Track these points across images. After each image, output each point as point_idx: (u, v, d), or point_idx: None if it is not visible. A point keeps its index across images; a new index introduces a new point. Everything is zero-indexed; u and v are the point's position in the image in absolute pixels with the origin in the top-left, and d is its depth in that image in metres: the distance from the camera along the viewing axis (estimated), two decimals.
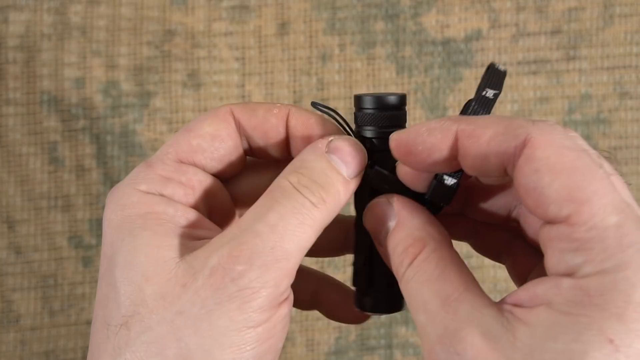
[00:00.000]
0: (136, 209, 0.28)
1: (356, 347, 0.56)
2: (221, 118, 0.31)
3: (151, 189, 0.29)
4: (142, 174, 0.30)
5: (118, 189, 0.30)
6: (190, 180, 0.30)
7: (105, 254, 0.28)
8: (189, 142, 0.30)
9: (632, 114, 0.56)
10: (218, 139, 0.30)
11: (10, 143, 0.56)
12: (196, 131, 0.30)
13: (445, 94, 0.56)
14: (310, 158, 0.29)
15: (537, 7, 0.56)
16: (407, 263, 0.27)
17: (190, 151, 0.30)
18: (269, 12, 0.56)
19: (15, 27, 0.56)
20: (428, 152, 0.27)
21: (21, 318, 0.56)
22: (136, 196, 0.29)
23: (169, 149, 0.30)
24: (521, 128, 0.25)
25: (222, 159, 0.31)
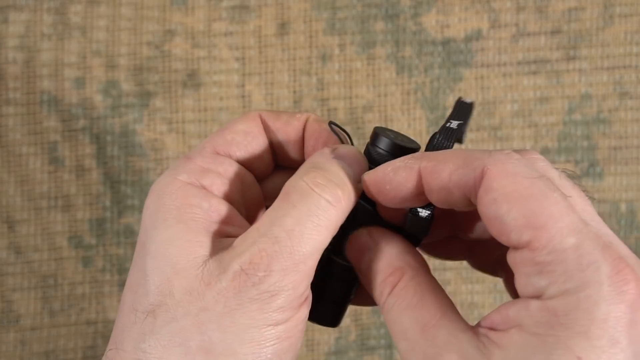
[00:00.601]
0: (173, 198, 0.30)
1: (356, 347, 0.56)
2: (251, 118, 0.33)
3: (191, 178, 0.30)
4: (182, 165, 0.31)
5: (160, 179, 0.31)
6: (227, 171, 0.32)
7: (140, 239, 0.30)
8: (224, 137, 0.32)
9: (632, 114, 0.56)
10: (250, 135, 0.33)
11: (10, 143, 0.56)
12: (230, 129, 0.33)
13: (445, 94, 0.56)
14: (322, 161, 0.30)
15: (537, 7, 0.56)
16: (387, 292, 0.28)
17: (226, 144, 0.32)
18: (269, 12, 0.56)
19: (15, 27, 0.56)
20: (395, 190, 0.29)
21: (21, 318, 0.56)
22: (175, 185, 0.30)
23: (206, 144, 0.32)
24: (477, 160, 0.26)
25: (254, 153, 0.33)
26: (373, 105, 0.56)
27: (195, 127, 0.56)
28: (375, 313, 0.56)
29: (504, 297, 0.54)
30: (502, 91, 0.56)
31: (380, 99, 0.56)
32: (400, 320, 0.27)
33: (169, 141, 0.56)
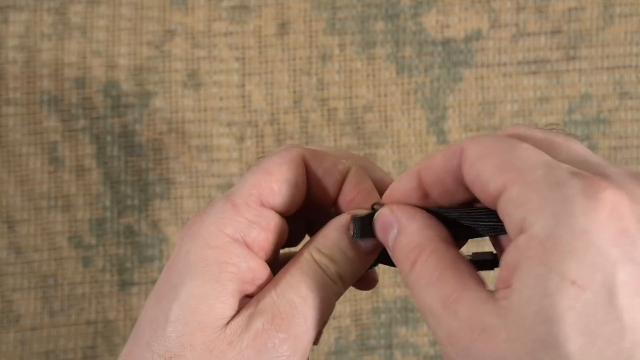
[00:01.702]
0: (217, 254, 0.30)
1: (356, 347, 0.56)
2: (297, 164, 0.32)
3: (237, 233, 0.31)
4: (229, 215, 0.31)
5: (202, 225, 0.31)
6: (269, 225, 0.32)
7: (169, 280, 0.31)
8: (271, 186, 0.32)
9: (632, 114, 0.56)
10: (295, 186, 0.32)
11: (10, 143, 0.56)
12: (276, 175, 0.32)
13: (445, 94, 0.56)
14: (334, 236, 0.32)
15: (537, 7, 0.56)
16: (408, 269, 0.29)
17: (272, 195, 0.32)
18: (269, 12, 0.56)
19: (15, 27, 0.56)
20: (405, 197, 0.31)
21: (21, 318, 0.56)
22: (222, 240, 0.31)
23: (252, 190, 0.32)
24: (457, 144, 0.28)
25: (293, 203, 0.33)
26: (373, 105, 0.56)
27: (195, 127, 0.56)
28: (375, 313, 0.56)
29: None
30: (502, 91, 0.56)
31: (380, 99, 0.56)
32: (424, 297, 0.28)
33: (169, 141, 0.56)
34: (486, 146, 0.27)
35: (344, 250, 0.32)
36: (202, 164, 0.56)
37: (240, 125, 0.56)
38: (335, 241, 0.32)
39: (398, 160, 0.56)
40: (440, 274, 0.27)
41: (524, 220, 0.25)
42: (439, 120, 0.56)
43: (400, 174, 0.56)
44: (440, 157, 0.29)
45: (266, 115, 0.56)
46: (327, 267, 0.31)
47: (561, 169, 0.25)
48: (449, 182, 0.29)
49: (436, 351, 0.56)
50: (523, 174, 0.25)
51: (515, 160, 0.26)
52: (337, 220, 0.33)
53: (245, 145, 0.56)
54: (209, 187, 0.56)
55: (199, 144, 0.56)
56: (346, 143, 0.56)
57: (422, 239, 0.29)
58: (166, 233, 0.56)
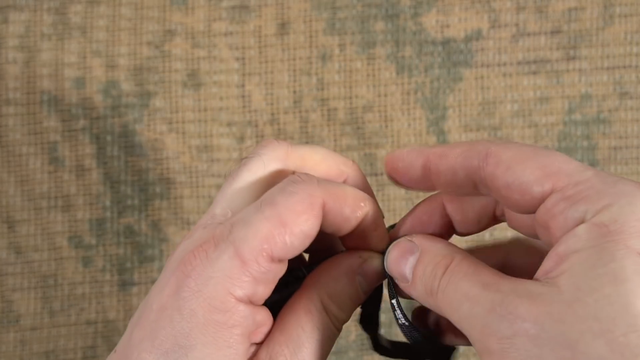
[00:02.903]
0: (226, 318, 0.29)
1: (356, 347, 0.56)
2: (316, 215, 0.30)
3: (244, 295, 0.29)
4: (237, 274, 0.29)
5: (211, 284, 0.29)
6: (275, 278, 0.30)
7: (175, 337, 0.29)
8: (284, 240, 0.29)
9: (632, 114, 0.56)
10: (309, 238, 0.30)
11: (10, 143, 0.56)
12: (291, 227, 0.29)
13: (445, 94, 0.56)
14: (344, 281, 0.32)
15: (537, 7, 0.56)
16: (441, 273, 0.29)
17: (284, 251, 0.30)
18: (269, 12, 0.56)
19: (15, 27, 0.56)
20: (405, 168, 0.31)
21: (21, 318, 0.56)
22: (230, 303, 0.29)
23: (264, 245, 0.29)
24: (482, 145, 0.29)
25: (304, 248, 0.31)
26: (373, 105, 0.56)
27: (195, 127, 0.56)
28: None
29: None
30: (502, 91, 0.56)
31: (380, 99, 0.56)
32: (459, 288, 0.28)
33: (169, 141, 0.56)
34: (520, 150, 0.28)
35: (353, 299, 0.32)
36: (202, 164, 0.56)
37: (240, 125, 0.56)
38: (346, 289, 0.32)
39: None
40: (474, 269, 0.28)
41: (583, 213, 0.26)
42: (439, 120, 0.56)
43: None
44: (459, 151, 0.29)
45: (266, 115, 0.56)
46: (335, 318, 0.31)
47: (605, 173, 0.27)
48: (461, 176, 0.29)
49: None
50: (573, 175, 0.27)
51: (559, 163, 0.27)
52: (347, 264, 0.32)
53: (245, 145, 0.56)
54: (209, 187, 0.56)
55: (199, 144, 0.56)
56: (346, 143, 0.56)
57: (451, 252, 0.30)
58: (166, 233, 0.56)
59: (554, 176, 0.27)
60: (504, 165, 0.28)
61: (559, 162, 0.27)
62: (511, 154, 0.28)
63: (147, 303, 0.30)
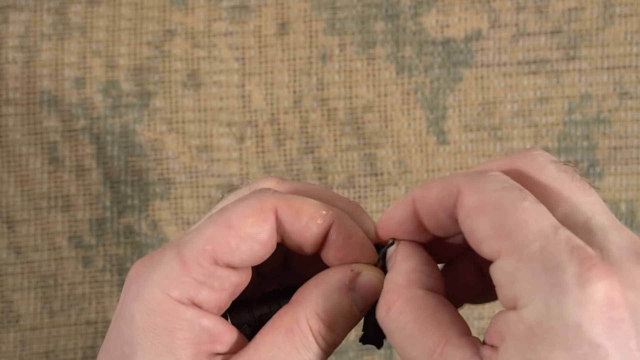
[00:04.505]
0: (164, 320, 0.28)
1: (356, 347, 0.56)
2: (264, 218, 0.29)
3: (182, 296, 0.28)
4: (176, 275, 0.28)
5: (146, 285, 0.28)
6: (222, 285, 0.29)
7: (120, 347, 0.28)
8: (229, 242, 0.28)
9: (632, 114, 0.56)
10: (258, 242, 0.29)
11: (10, 143, 0.56)
12: (237, 229, 0.28)
13: (445, 94, 0.56)
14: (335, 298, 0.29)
15: (537, 7, 0.56)
16: (384, 313, 0.27)
17: (228, 253, 0.28)
18: (269, 12, 0.56)
19: (15, 27, 0.56)
20: (398, 225, 0.29)
21: (21, 318, 0.56)
22: (167, 304, 0.28)
23: (206, 246, 0.28)
24: (454, 182, 0.27)
25: (258, 259, 0.29)
26: (373, 105, 0.56)
27: (195, 127, 0.56)
28: None
29: None
30: (502, 91, 0.56)
31: (380, 99, 0.56)
32: (404, 349, 0.26)
33: (169, 141, 0.56)
34: (484, 197, 0.26)
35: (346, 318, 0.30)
36: (202, 164, 0.56)
37: (240, 125, 0.56)
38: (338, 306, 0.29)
39: (398, 160, 0.56)
40: (420, 327, 0.26)
41: (515, 298, 0.24)
42: (439, 120, 0.56)
43: (400, 174, 0.56)
44: (435, 192, 0.27)
45: (266, 115, 0.56)
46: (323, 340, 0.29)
47: (559, 244, 0.24)
48: (443, 218, 0.28)
49: None
50: (518, 246, 0.24)
51: (513, 225, 0.24)
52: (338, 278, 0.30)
53: (245, 145, 0.56)
54: (209, 187, 0.56)
55: (199, 144, 0.56)
56: (346, 143, 0.56)
57: (404, 282, 0.28)
58: (166, 233, 0.56)
59: (503, 240, 0.24)
60: (465, 210, 0.26)
61: (517, 221, 0.25)
62: (474, 200, 0.26)
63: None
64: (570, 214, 0.26)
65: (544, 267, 0.23)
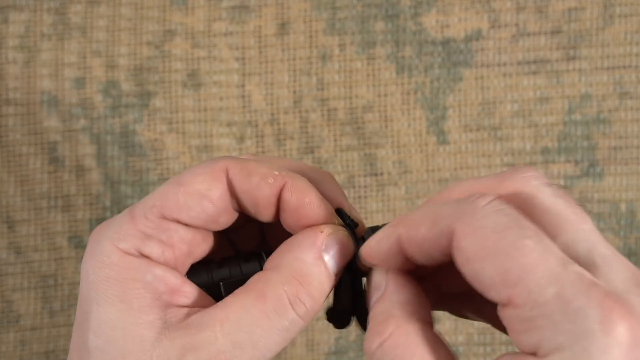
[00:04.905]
0: (114, 272, 0.28)
1: (356, 347, 0.56)
2: (214, 177, 0.29)
3: (130, 247, 0.28)
4: (125, 228, 0.29)
5: (99, 242, 0.29)
6: (170, 238, 0.29)
7: (81, 307, 0.29)
8: (177, 198, 0.29)
9: (632, 114, 0.56)
10: (207, 199, 0.29)
11: (10, 143, 0.56)
12: (186, 186, 0.29)
13: (445, 94, 0.56)
14: (309, 261, 0.29)
15: (537, 7, 0.56)
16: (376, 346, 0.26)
17: (176, 208, 0.29)
18: (269, 12, 0.56)
19: (15, 27, 0.56)
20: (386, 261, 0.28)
21: (21, 318, 0.56)
22: (115, 256, 0.28)
23: (156, 202, 0.29)
24: (445, 220, 0.25)
25: (209, 218, 0.30)
26: (373, 105, 0.56)
27: (195, 127, 0.56)
28: None
29: None
30: (502, 91, 0.56)
31: (380, 99, 0.56)
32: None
33: (169, 141, 0.56)
34: (483, 240, 0.24)
35: (323, 282, 0.29)
36: None
37: (240, 125, 0.56)
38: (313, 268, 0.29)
39: (398, 160, 0.56)
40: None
41: (537, 346, 0.23)
42: (439, 120, 0.56)
43: (400, 174, 0.56)
44: (424, 231, 0.26)
45: (266, 115, 0.56)
46: (302, 305, 0.28)
47: (573, 285, 0.23)
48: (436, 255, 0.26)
49: None
50: (531, 294, 0.23)
51: (520, 271, 0.23)
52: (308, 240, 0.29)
53: (245, 145, 0.56)
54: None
55: (199, 144, 0.56)
56: (346, 143, 0.56)
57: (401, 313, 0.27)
58: None
59: (513, 288, 0.23)
60: (463, 256, 0.25)
61: (523, 265, 0.23)
62: (472, 245, 0.24)
63: None
64: (571, 244, 0.25)
65: (565, 315, 0.23)
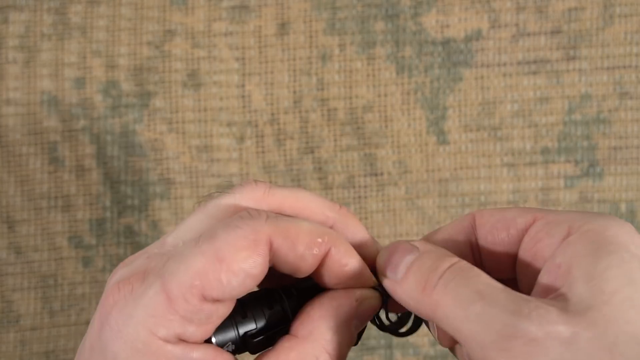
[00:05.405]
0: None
1: (356, 347, 0.56)
2: (259, 252, 0.26)
3: (170, 334, 0.26)
4: (161, 312, 0.26)
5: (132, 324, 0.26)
6: (210, 319, 0.27)
7: None
8: (219, 277, 0.26)
9: (632, 114, 0.56)
10: (253, 278, 0.27)
11: (10, 143, 0.56)
12: (229, 264, 0.26)
13: (445, 94, 0.56)
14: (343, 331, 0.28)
15: (537, 7, 0.56)
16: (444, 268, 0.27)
17: (219, 289, 0.26)
18: (269, 12, 0.56)
19: (15, 27, 0.55)
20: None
21: (21, 318, 0.56)
22: (154, 345, 0.26)
23: (194, 282, 0.26)
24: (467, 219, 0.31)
25: (247, 292, 0.28)
26: (373, 105, 0.56)
27: (195, 127, 0.56)
28: None
29: None
30: (502, 91, 0.56)
31: (380, 99, 0.56)
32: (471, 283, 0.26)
33: (169, 141, 0.56)
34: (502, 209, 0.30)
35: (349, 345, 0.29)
36: (202, 164, 0.56)
37: (240, 125, 0.56)
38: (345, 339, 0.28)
39: (398, 160, 0.56)
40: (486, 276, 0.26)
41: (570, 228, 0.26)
42: (439, 120, 0.56)
43: (400, 174, 0.56)
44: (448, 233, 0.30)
45: (266, 115, 0.56)
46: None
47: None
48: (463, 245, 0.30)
49: (436, 351, 0.56)
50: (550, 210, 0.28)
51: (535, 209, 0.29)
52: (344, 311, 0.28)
53: (245, 145, 0.56)
54: (209, 187, 0.56)
55: (199, 144, 0.56)
56: (346, 143, 0.56)
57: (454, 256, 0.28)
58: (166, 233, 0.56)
59: (534, 211, 0.28)
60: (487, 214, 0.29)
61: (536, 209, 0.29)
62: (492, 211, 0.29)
63: (84, 338, 0.28)
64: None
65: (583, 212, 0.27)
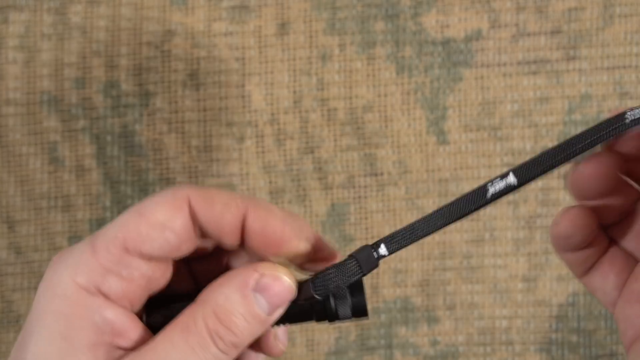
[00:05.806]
0: (65, 306, 0.28)
1: (356, 347, 0.56)
2: (176, 206, 0.29)
3: (88, 282, 0.28)
4: (85, 260, 0.28)
5: (57, 271, 0.28)
6: (131, 274, 0.29)
7: (25, 330, 0.28)
8: (139, 229, 0.28)
9: None
10: (169, 230, 0.29)
11: (10, 143, 0.56)
12: (147, 217, 0.28)
13: (445, 94, 0.56)
14: (234, 299, 0.28)
15: (537, 7, 0.56)
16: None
17: (139, 240, 0.28)
18: (269, 12, 0.56)
19: (15, 27, 0.56)
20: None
21: (21, 318, 0.56)
22: (70, 290, 0.28)
23: (117, 233, 0.28)
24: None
25: (172, 248, 0.29)
26: (373, 105, 0.56)
27: (195, 127, 0.56)
28: (375, 313, 0.56)
29: (503, 296, 0.54)
30: (502, 91, 0.56)
31: (380, 99, 0.56)
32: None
33: (169, 141, 0.56)
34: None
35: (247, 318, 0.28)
36: (202, 164, 0.56)
37: (240, 125, 0.56)
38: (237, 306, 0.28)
39: (398, 160, 0.56)
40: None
41: None
42: (439, 120, 0.56)
43: (400, 174, 0.56)
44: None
45: (266, 115, 0.56)
46: (221, 340, 0.28)
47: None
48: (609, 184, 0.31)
49: (436, 351, 0.56)
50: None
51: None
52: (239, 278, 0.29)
53: (245, 145, 0.56)
54: (208, 187, 0.56)
55: (199, 144, 0.56)
56: (346, 143, 0.56)
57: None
58: None
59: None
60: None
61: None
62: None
63: None
64: None
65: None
